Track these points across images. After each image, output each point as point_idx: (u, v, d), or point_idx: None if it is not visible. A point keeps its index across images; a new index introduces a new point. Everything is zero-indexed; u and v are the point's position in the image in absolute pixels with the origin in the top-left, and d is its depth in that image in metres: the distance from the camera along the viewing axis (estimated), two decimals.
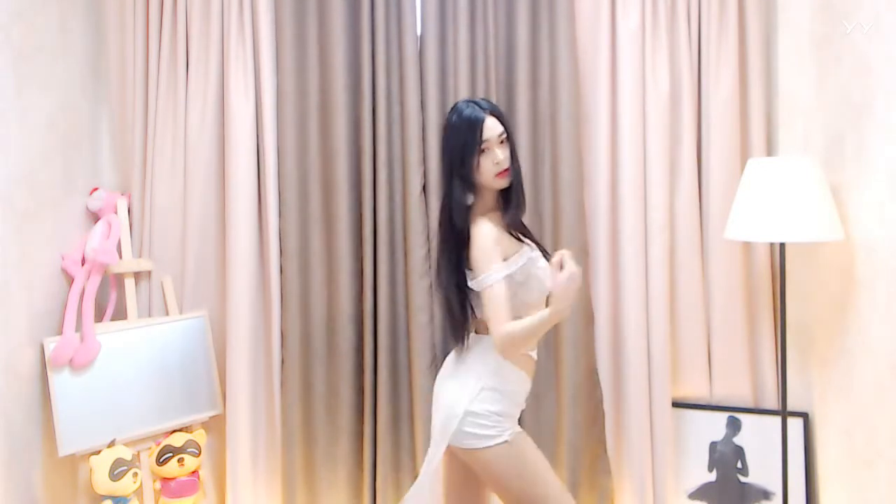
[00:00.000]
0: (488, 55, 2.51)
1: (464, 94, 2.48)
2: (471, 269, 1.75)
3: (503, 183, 1.78)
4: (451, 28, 2.53)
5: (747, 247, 2.50)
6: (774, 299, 2.49)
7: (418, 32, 2.53)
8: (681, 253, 2.50)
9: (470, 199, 1.79)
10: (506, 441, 1.73)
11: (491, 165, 1.75)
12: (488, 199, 1.83)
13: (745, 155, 2.47)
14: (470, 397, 1.75)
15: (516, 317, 1.67)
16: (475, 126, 1.74)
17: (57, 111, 2.39)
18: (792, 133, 2.43)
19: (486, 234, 1.73)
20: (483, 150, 1.74)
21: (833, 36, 2.16)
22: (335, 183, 2.54)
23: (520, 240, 1.82)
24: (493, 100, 2.49)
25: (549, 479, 1.75)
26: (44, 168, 2.31)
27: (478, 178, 1.77)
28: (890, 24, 1.83)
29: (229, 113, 2.53)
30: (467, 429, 1.74)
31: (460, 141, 1.75)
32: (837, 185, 2.12)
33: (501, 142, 1.76)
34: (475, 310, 1.82)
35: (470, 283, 1.77)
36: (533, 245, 1.85)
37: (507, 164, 1.76)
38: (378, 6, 2.50)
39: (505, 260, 1.73)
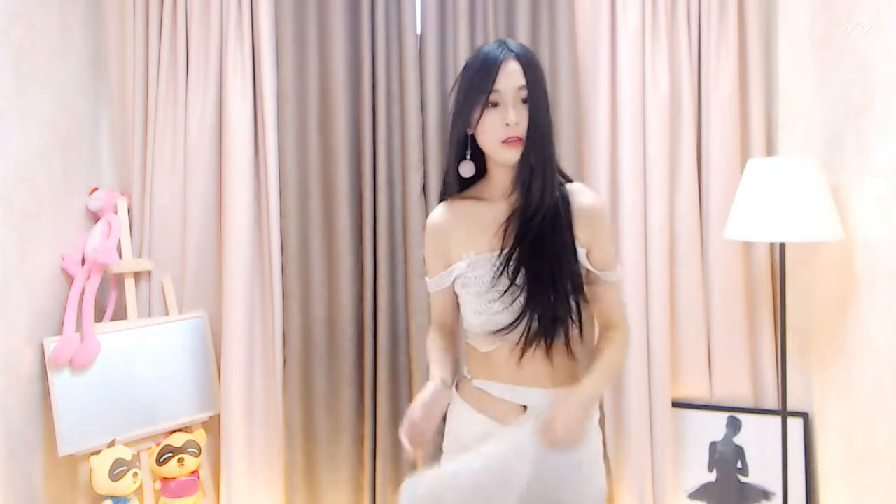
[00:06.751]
0: None
1: None
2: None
3: (511, 155, 1.32)
4: (452, 28, 2.52)
5: (747, 247, 2.50)
6: (774, 299, 2.49)
7: (418, 32, 2.53)
8: (681, 253, 2.50)
9: (467, 170, 1.36)
10: None
11: (499, 125, 1.29)
12: (497, 178, 1.39)
13: (745, 155, 2.47)
14: None
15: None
16: (490, 67, 1.29)
17: (57, 111, 2.39)
18: (792, 133, 2.43)
19: (427, 232, 1.42)
20: (494, 104, 1.30)
21: (833, 36, 2.15)
22: (335, 183, 2.54)
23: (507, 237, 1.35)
24: None
25: None
26: (44, 168, 2.31)
27: (480, 140, 1.34)
28: (890, 24, 1.83)
29: (228, 113, 2.52)
30: None
31: (466, 85, 1.32)
32: (837, 185, 2.12)
33: (522, 100, 1.31)
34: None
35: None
36: (493, 250, 1.36)
37: (520, 132, 1.30)
38: (378, 6, 2.50)
39: (448, 267, 1.39)
